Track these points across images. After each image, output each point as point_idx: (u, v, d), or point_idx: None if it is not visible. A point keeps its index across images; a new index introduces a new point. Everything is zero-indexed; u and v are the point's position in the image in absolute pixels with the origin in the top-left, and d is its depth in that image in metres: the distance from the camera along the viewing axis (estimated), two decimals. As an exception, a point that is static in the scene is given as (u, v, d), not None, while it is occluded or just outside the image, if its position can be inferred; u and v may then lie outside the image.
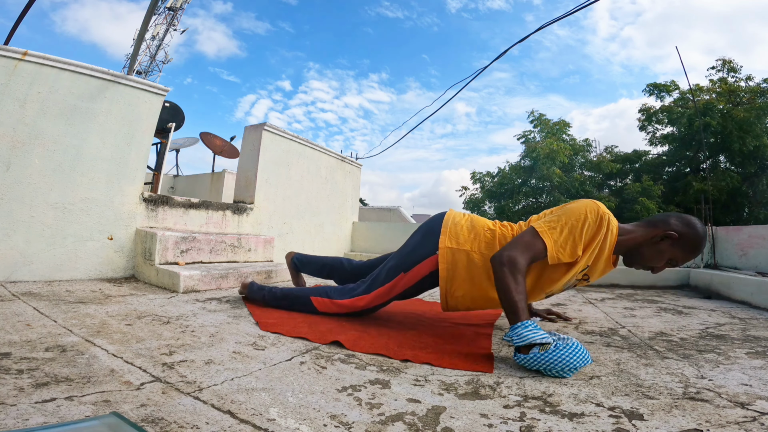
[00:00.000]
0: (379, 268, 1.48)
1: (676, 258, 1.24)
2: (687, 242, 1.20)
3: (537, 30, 4.09)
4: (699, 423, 0.73)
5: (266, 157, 3.18)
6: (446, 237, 1.34)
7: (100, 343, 1.04)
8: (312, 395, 0.80)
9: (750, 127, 11.89)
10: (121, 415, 0.51)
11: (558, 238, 1.17)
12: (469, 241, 1.32)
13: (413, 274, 1.38)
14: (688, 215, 1.25)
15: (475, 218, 1.40)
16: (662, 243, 1.22)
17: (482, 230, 1.34)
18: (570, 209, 1.21)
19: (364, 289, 1.46)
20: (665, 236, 1.21)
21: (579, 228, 1.17)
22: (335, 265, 1.85)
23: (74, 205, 2.06)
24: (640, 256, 1.27)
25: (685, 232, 1.20)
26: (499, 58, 4.68)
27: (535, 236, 1.18)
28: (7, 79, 1.88)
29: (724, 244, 3.06)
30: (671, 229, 1.21)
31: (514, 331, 1.03)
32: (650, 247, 1.24)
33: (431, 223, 1.44)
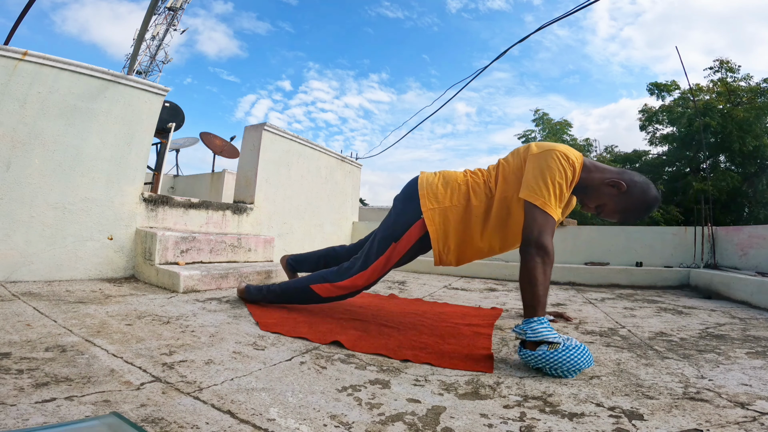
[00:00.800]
0: (369, 243, 1.49)
1: (606, 206, 1.25)
2: (627, 199, 1.22)
3: (537, 30, 4.09)
4: (699, 423, 0.73)
5: (266, 157, 3.18)
6: (426, 200, 1.38)
7: (100, 343, 1.04)
8: (312, 395, 0.80)
9: (750, 127, 11.89)
10: (121, 415, 0.51)
11: (556, 204, 1.17)
12: (448, 197, 1.36)
13: (404, 241, 1.41)
14: (650, 182, 1.26)
15: (446, 173, 1.44)
16: (608, 187, 1.23)
17: (455, 184, 1.38)
18: (547, 166, 1.18)
19: (359, 266, 1.47)
20: (615, 183, 1.22)
21: (564, 184, 1.19)
22: (329, 254, 1.86)
23: (74, 205, 2.06)
24: (583, 190, 1.28)
25: (634, 191, 1.21)
26: (499, 58, 4.68)
27: (542, 213, 1.16)
28: (7, 79, 1.88)
29: (724, 244, 3.06)
30: (628, 181, 1.22)
31: (528, 325, 1.02)
32: (596, 185, 1.25)
33: (407, 189, 1.47)
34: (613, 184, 1.22)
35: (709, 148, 12.78)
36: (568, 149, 1.23)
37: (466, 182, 1.37)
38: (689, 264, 3.11)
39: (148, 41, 16.37)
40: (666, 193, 13.33)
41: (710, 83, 13.46)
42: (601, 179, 1.25)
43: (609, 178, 1.23)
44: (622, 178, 1.23)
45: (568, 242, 3.53)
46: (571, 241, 3.53)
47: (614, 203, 1.24)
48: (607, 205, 1.25)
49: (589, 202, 1.29)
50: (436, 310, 1.79)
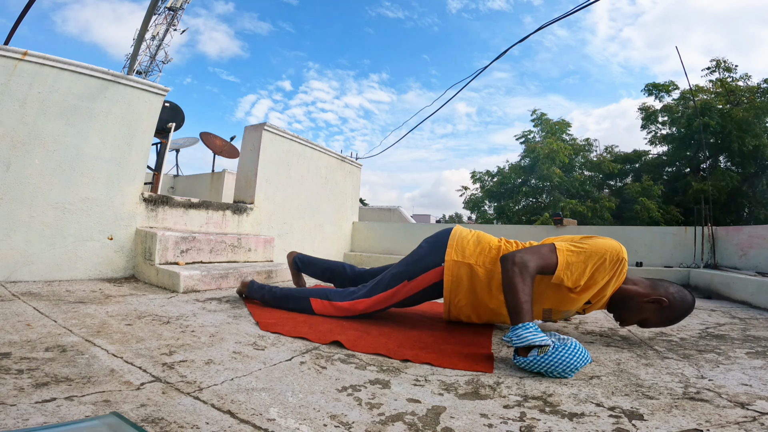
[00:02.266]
0: (383, 274, 1.51)
1: (650, 320, 1.28)
2: (670, 313, 1.25)
3: (537, 30, 4.09)
4: (699, 423, 0.73)
5: (266, 157, 3.18)
6: (453, 250, 1.38)
7: (100, 343, 1.04)
8: (312, 395, 0.80)
9: (749, 127, 11.89)
10: (121, 415, 0.51)
11: (571, 261, 1.19)
12: (475, 255, 1.36)
13: (417, 282, 1.42)
14: (687, 291, 1.28)
15: (482, 235, 1.43)
16: (650, 304, 1.25)
17: (487, 246, 1.38)
18: (595, 243, 1.23)
19: (365, 292, 1.48)
20: (657, 300, 1.24)
21: (594, 262, 1.20)
22: (337, 269, 1.87)
23: (74, 205, 2.06)
24: (621, 307, 1.30)
25: (676, 305, 1.24)
26: (499, 58, 4.68)
27: (552, 251, 1.21)
28: (7, 79, 1.88)
29: (724, 244, 3.06)
30: (667, 296, 1.24)
31: (514, 332, 1.03)
32: (637, 302, 1.27)
33: (439, 236, 1.47)
34: (654, 301, 1.24)
35: (709, 148, 12.78)
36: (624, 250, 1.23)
37: (498, 248, 1.36)
38: (689, 264, 3.11)
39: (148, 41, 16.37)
40: (666, 193, 13.34)
41: (709, 83, 13.48)
42: (640, 295, 1.26)
43: (650, 296, 1.25)
44: (661, 294, 1.24)
45: (568, 242, 3.52)
46: (571, 241, 3.52)
47: (658, 318, 1.27)
48: (650, 320, 1.28)
49: (630, 318, 1.30)
50: (436, 310, 1.79)
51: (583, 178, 14.90)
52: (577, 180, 14.53)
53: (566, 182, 14.21)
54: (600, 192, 15.01)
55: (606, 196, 14.27)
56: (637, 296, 1.26)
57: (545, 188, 15.14)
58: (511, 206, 15.28)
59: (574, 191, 14.28)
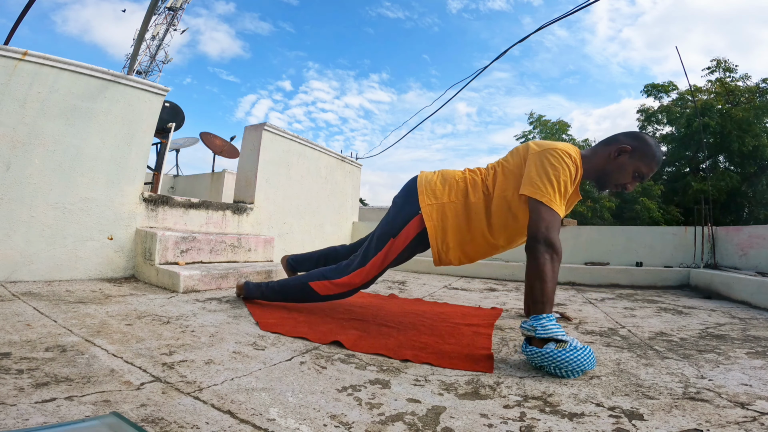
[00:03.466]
0: (368, 240, 1.51)
1: (640, 169, 1.25)
2: (642, 151, 1.24)
3: (537, 30, 4.09)
4: (699, 423, 0.73)
5: (266, 157, 3.18)
6: (424, 196, 1.39)
7: (100, 343, 1.04)
8: (312, 395, 0.80)
9: (749, 127, 11.89)
10: (121, 415, 0.51)
11: (560, 200, 1.18)
12: (446, 193, 1.37)
13: (402, 237, 1.41)
14: (634, 131, 1.30)
15: (445, 172, 1.45)
16: (620, 158, 1.25)
17: (454, 181, 1.39)
18: (549, 164, 1.19)
19: (358, 262, 1.47)
20: (620, 151, 1.24)
21: (568, 181, 1.20)
22: (330, 253, 1.86)
23: (74, 205, 2.06)
24: (608, 177, 1.29)
25: (636, 144, 1.24)
26: (499, 58, 4.68)
27: (551, 210, 1.16)
28: (7, 79, 1.88)
29: (724, 244, 3.06)
30: (623, 143, 1.24)
31: (538, 321, 1.02)
32: (611, 165, 1.27)
33: (406, 187, 1.48)
34: (619, 151, 1.24)
35: (709, 148, 12.78)
36: (568, 146, 1.24)
37: (464, 179, 1.38)
38: (689, 264, 3.11)
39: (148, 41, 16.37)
40: (666, 193, 13.34)
41: (708, 83, 13.48)
42: (605, 157, 1.26)
43: (612, 151, 1.25)
44: (619, 143, 1.25)
45: (569, 242, 3.52)
46: (571, 241, 3.53)
47: (640, 163, 1.24)
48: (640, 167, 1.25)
49: (624, 180, 1.27)
50: (436, 310, 1.79)
51: (583, 178, 14.88)
52: (577, 180, 14.51)
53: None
54: (600, 192, 14.99)
55: (606, 196, 14.25)
56: (605, 160, 1.26)
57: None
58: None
59: (574, 191, 14.26)
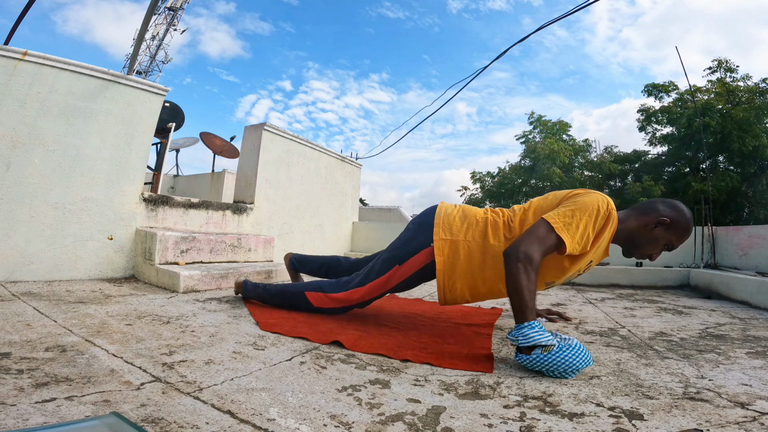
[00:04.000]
0: (374, 261, 1.48)
1: (671, 242, 1.26)
2: (679, 226, 1.24)
3: (537, 30, 4.09)
4: (699, 423, 0.73)
5: (266, 157, 3.18)
6: (440, 228, 1.34)
7: (100, 343, 1.04)
8: (312, 395, 0.80)
9: (749, 127, 11.89)
10: (121, 415, 0.51)
11: (575, 234, 1.16)
12: (463, 231, 1.32)
13: (408, 266, 1.38)
14: (672, 200, 1.28)
15: (467, 208, 1.40)
16: (656, 230, 1.24)
17: (474, 219, 1.34)
18: (583, 203, 1.19)
19: (358, 281, 1.46)
20: (658, 223, 1.23)
21: (593, 224, 1.18)
22: (332, 263, 1.86)
23: (74, 205, 2.06)
24: (638, 246, 1.29)
25: (675, 217, 1.23)
26: (499, 58, 4.68)
27: (549, 231, 1.15)
28: (7, 79, 1.88)
29: (724, 244, 3.06)
30: (662, 215, 1.23)
31: (519, 331, 1.02)
32: (645, 235, 1.26)
33: (424, 215, 1.44)
34: (658, 224, 1.24)
35: (709, 148, 12.78)
36: (609, 199, 1.23)
37: (485, 220, 1.32)
38: (689, 264, 3.11)
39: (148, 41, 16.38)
40: (666, 194, 13.34)
41: (709, 83, 13.47)
42: (641, 226, 1.25)
43: (651, 222, 1.24)
44: (659, 215, 1.24)
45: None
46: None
47: (673, 236, 1.25)
48: (673, 241, 1.27)
49: (654, 251, 1.28)
50: (436, 310, 1.79)
51: (583, 178, 14.91)
52: (578, 180, 14.54)
53: (566, 182, 14.22)
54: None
55: (606, 196, 14.26)
56: (640, 229, 1.25)
57: (545, 188, 15.14)
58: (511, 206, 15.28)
59: (574, 191, 14.27)
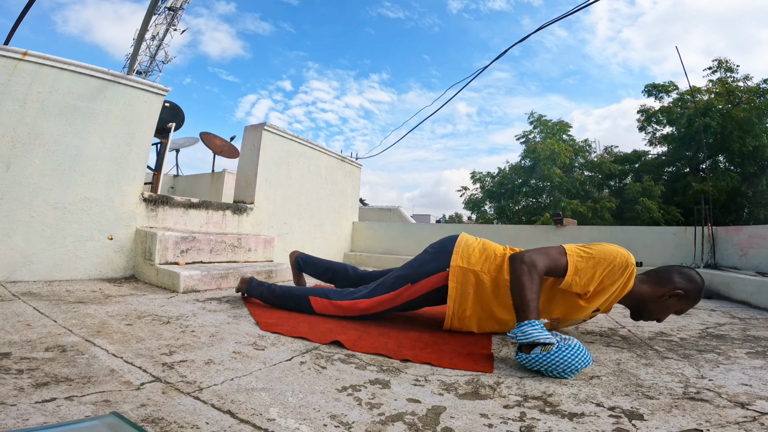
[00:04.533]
0: (386, 276, 1.50)
1: (682, 310, 1.30)
2: (691, 296, 1.27)
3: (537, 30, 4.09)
4: (699, 423, 0.73)
5: (266, 157, 3.18)
6: (458, 256, 1.37)
7: (100, 343, 1.04)
8: (312, 395, 0.80)
9: (750, 127, 11.88)
10: (121, 415, 0.51)
11: (580, 267, 1.19)
12: (480, 262, 1.35)
13: (420, 286, 1.41)
14: (688, 269, 1.31)
15: (487, 242, 1.43)
16: (669, 300, 1.27)
17: (493, 254, 1.37)
18: (604, 249, 1.24)
19: (366, 293, 1.47)
20: (673, 295, 1.26)
21: (603, 268, 1.20)
22: (339, 270, 1.86)
23: (74, 205, 2.06)
24: (648, 312, 1.32)
25: (689, 289, 1.26)
26: (499, 58, 4.68)
27: (561, 254, 1.21)
28: (7, 79, 1.88)
29: (724, 244, 3.06)
30: (678, 288, 1.26)
31: (519, 328, 1.03)
32: (658, 304, 1.29)
33: (444, 242, 1.47)
34: (672, 295, 1.26)
35: (709, 148, 12.77)
36: (632, 257, 1.25)
37: (503, 256, 1.36)
38: (689, 264, 3.11)
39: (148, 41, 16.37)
40: (666, 194, 13.34)
41: (709, 83, 13.46)
42: (655, 295, 1.28)
43: (665, 294, 1.27)
44: (674, 287, 1.27)
45: (569, 242, 3.52)
46: (572, 241, 3.52)
47: (684, 305, 1.29)
48: (683, 309, 1.30)
49: (663, 316, 1.32)
50: (436, 310, 1.79)
51: (583, 178, 14.89)
52: (578, 180, 14.52)
53: (566, 182, 14.21)
54: (600, 192, 15.00)
55: (606, 196, 14.26)
56: (653, 297, 1.28)
57: (545, 188, 15.14)
58: (511, 206, 15.28)
59: (575, 191, 14.28)
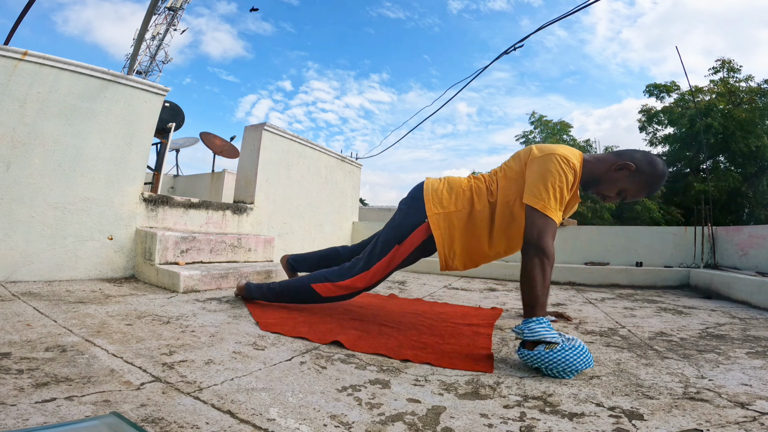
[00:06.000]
0: (372, 244, 1.50)
1: (626, 190, 1.27)
2: (641, 177, 1.24)
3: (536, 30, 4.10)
4: (699, 423, 0.73)
5: (266, 157, 3.18)
6: (431, 204, 1.39)
7: (100, 343, 1.04)
8: (312, 395, 0.80)
9: (752, 128, 11.87)
10: (121, 415, 0.51)
11: (556, 206, 1.18)
12: (452, 202, 1.37)
13: (407, 244, 1.42)
14: (655, 156, 1.28)
15: (451, 179, 1.45)
16: (619, 172, 1.25)
17: (460, 189, 1.39)
18: (547, 170, 1.19)
19: (361, 266, 1.48)
20: (623, 166, 1.24)
21: (564, 188, 1.20)
22: (331, 254, 1.86)
23: (74, 205, 2.06)
24: (595, 182, 1.30)
25: (643, 167, 1.23)
26: (499, 58, 4.68)
27: (545, 217, 1.17)
28: (7, 79, 1.88)
29: (724, 244, 3.06)
30: (631, 160, 1.24)
31: (526, 325, 1.03)
32: (606, 175, 1.27)
33: (413, 193, 1.48)
34: (621, 167, 1.24)
35: (710, 149, 12.76)
36: (569, 150, 1.24)
37: (470, 187, 1.38)
38: (689, 264, 3.11)
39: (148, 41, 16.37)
40: (666, 194, 13.32)
41: (711, 83, 13.44)
42: (607, 168, 1.26)
43: (615, 163, 1.25)
44: (627, 159, 1.25)
45: (568, 242, 3.53)
46: (571, 241, 3.53)
47: (631, 184, 1.25)
48: (628, 189, 1.27)
49: (608, 192, 1.29)
50: (436, 310, 1.79)
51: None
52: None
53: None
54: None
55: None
56: (603, 171, 1.26)
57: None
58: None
59: (574, 191, 14.25)
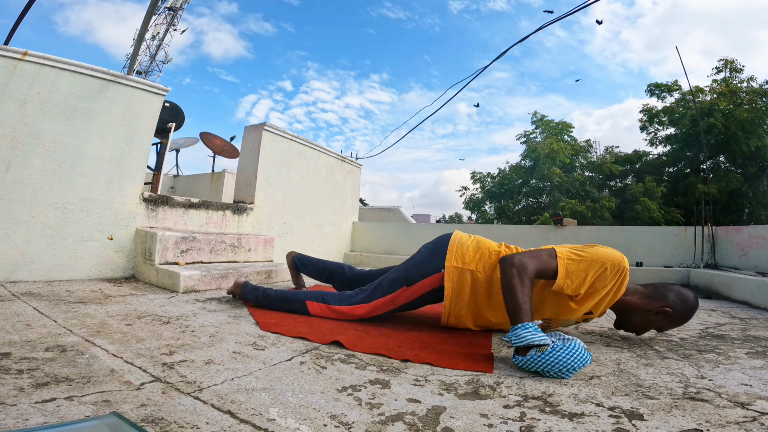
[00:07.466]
0: (381, 279, 1.50)
1: (663, 328, 1.30)
2: (678, 317, 1.26)
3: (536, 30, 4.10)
4: (699, 423, 0.73)
5: (266, 157, 3.18)
6: (452, 256, 1.37)
7: (100, 343, 1.04)
8: (312, 395, 0.80)
9: (753, 128, 11.86)
10: (121, 415, 0.51)
11: (571, 269, 1.19)
12: (475, 261, 1.35)
13: (416, 288, 1.41)
14: (686, 290, 1.29)
15: (481, 240, 1.42)
16: (656, 315, 1.26)
17: (487, 252, 1.36)
18: (597, 252, 1.22)
19: (363, 297, 1.47)
20: (661, 311, 1.25)
21: (595, 270, 1.19)
22: (336, 270, 1.86)
23: (74, 205, 2.06)
24: (630, 323, 1.31)
25: (679, 309, 1.25)
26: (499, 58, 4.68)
27: (552, 257, 1.21)
28: (7, 79, 1.88)
29: (724, 244, 3.06)
30: (668, 305, 1.25)
31: (513, 332, 1.03)
32: (643, 317, 1.28)
33: (438, 241, 1.46)
34: (660, 311, 1.25)
35: (712, 149, 12.75)
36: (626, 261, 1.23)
37: (498, 253, 1.35)
38: (689, 264, 3.11)
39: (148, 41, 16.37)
40: (667, 194, 13.32)
41: (713, 83, 13.41)
42: (644, 307, 1.27)
43: (653, 309, 1.25)
44: (664, 304, 1.25)
45: (569, 242, 3.51)
46: (571, 241, 3.52)
47: (669, 324, 1.28)
48: (664, 327, 1.30)
49: (643, 330, 1.31)
50: (436, 311, 1.79)
51: (583, 178, 14.88)
52: (578, 180, 14.51)
53: (566, 182, 14.20)
54: (600, 192, 14.99)
55: (606, 196, 14.24)
56: (640, 310, 1.27)
57: (545, 188, 15.12)
58: (511, 206, 15.28)
59: (575, 191, 14.27)
